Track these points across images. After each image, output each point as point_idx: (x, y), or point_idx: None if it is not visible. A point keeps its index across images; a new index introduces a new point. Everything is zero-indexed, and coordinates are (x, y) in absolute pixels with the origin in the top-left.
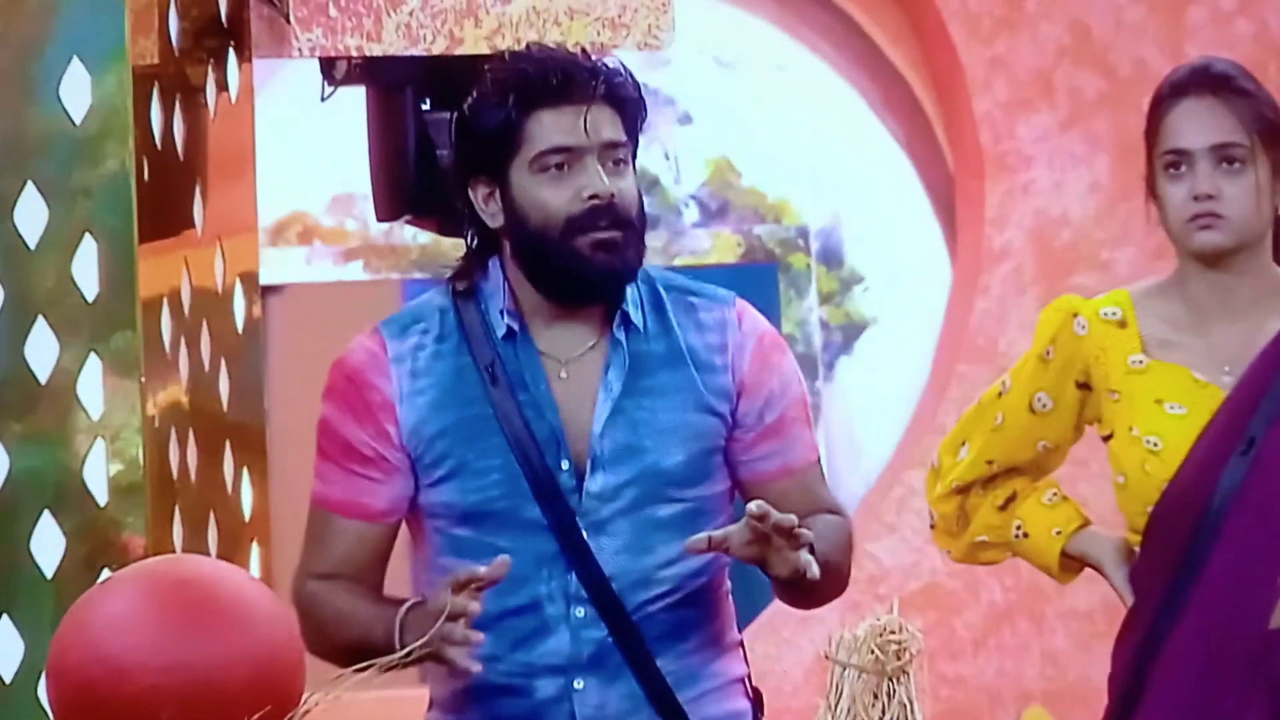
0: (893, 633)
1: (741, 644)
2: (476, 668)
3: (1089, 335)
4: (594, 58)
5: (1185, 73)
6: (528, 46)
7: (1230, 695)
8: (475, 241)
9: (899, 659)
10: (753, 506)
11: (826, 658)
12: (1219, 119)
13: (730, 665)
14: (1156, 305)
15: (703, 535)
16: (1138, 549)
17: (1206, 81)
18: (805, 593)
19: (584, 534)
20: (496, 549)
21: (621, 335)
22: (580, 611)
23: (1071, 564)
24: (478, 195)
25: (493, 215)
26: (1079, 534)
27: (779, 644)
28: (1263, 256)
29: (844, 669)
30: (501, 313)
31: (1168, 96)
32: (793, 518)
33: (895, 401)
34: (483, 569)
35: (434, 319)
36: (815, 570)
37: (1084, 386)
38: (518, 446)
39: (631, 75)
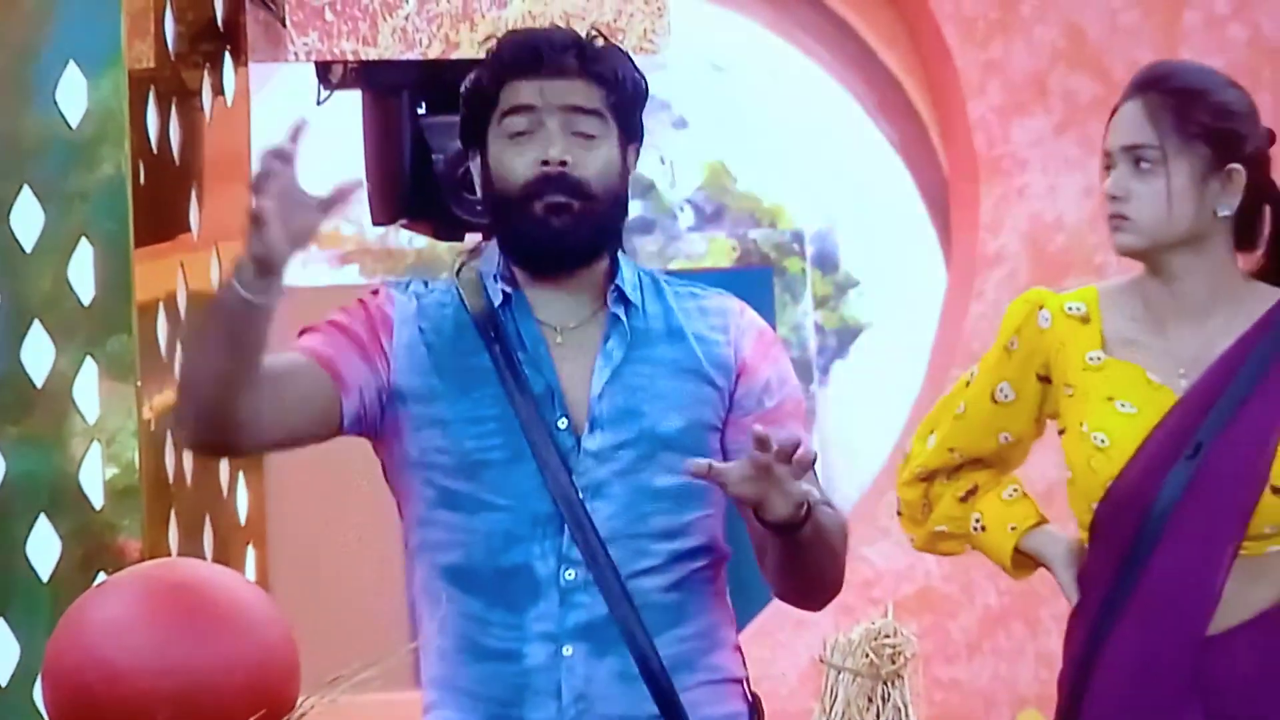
0: (887, 637)
1: (739, 648)
2: (263, 248)
3: (1051, 329)
4: (586, 34)
5: (1136, 75)
6: (523, 27)
7: (1166, 700)
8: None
9: (894, 663)
10: (757, 428)
11: (821, 661)
12: (1137, 120)
13: (729, 663)
14: (1121, 303)
15: (703, 460)
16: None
17: (1138, 83)
18: (802, 553)
19: (579, 494)
20: (493, 505)
21: (620, 311)
22: (571, 574)
23: (1025, 561)
24: (475, 169)
25: (481, 186)
26: (1033, 531)
27: (774, 648)
28: (1210, 258)
29: (839, 673)
30: (495, 277)
31: (1120, 100)
32: (798, 436)
33: (890, 405)
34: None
35: (437, 287)
36: (816, 494)
37: (1045, 380)
38: (516, 399)
39: (617, 52)
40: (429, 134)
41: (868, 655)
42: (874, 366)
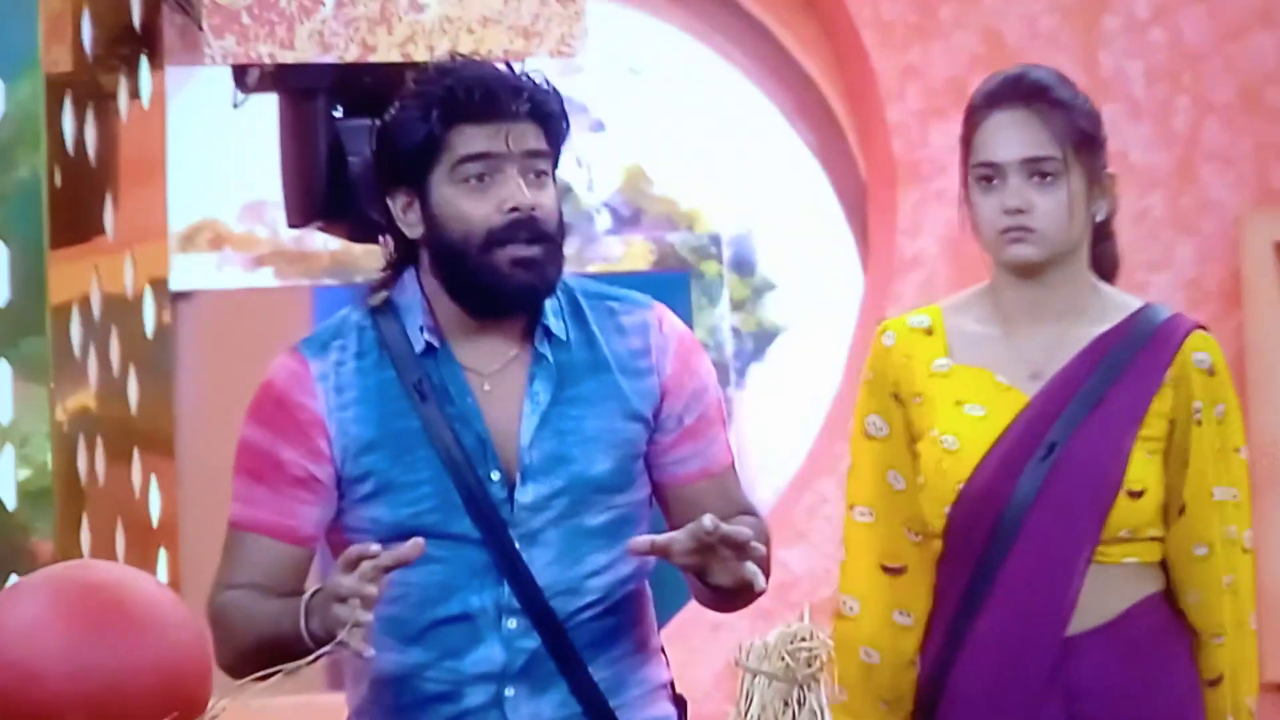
0: (803, 640)
1: (663, 649)
2: (369, 653)
3: (895, 345)
4: (518, 72)
5: (998, 83)
6: (452, 58)
7: (1024, 701)
8: (393, 253)
9: (810, 666)
10: (706, 522)
11: (737, 665)
12: (1032, 131)
13: (656, 671)
14: (966, 311)
15: (645, 538)
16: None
17: (1019, 92)
18: (735, 599)
19: (515, 545)
20: (429, 559)
21: (545, 349)
22: (512, 623)
23: None
24: (397, 205)
25: (411, 225)
26: None
27: (689, 651)
28: (1076, 266)
29: (754, 676)
30: (421, 329)
31: (981, 107)
32: (746, 532)
33: (807, 409)
34: (375, 546)
35: (352, 335)
36: (762, 582)
37: (898, 399)
38: (448, 459)
39: (555, 90)
40: (345, 137)
41: (784, 659)
42: (791, 370)
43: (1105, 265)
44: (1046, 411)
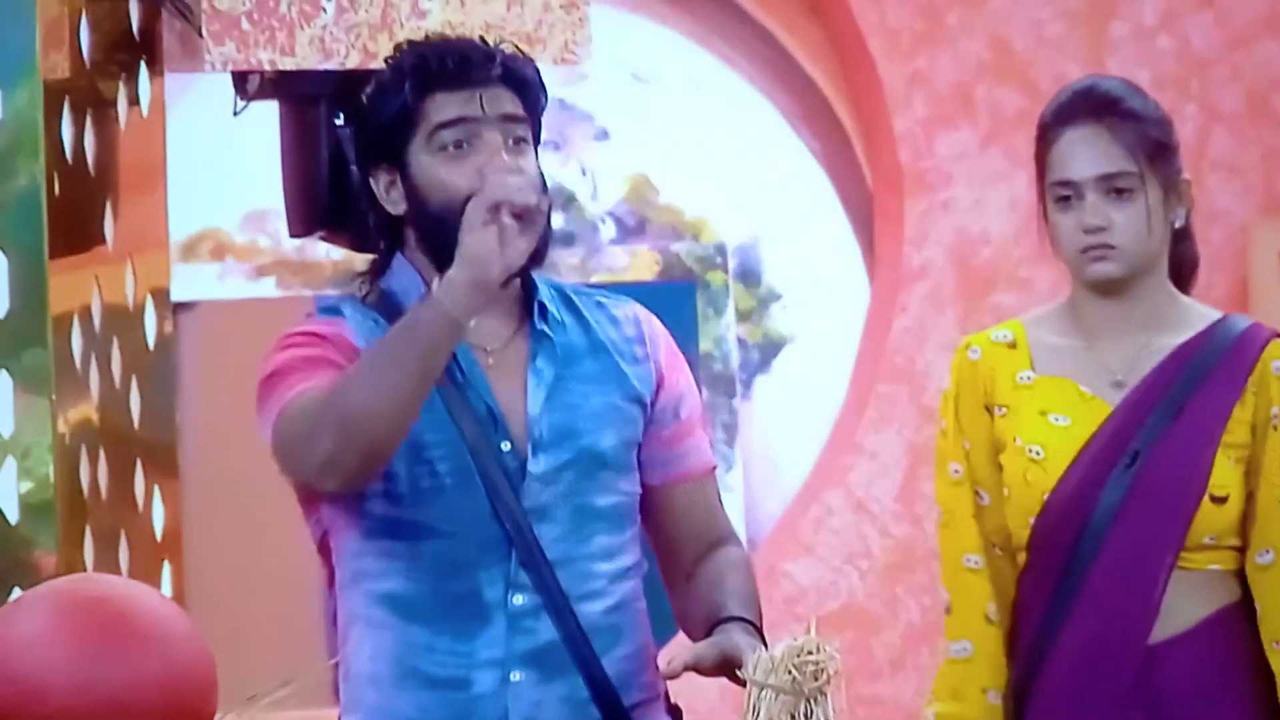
0: (810, 653)
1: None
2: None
3: (982, 359)
4: (491, 43)
5: (1069, 97)
6: (426, 36)
7: (1108, 709)
8: (380, 237)
9: (816, 679)
10: (743, 672)
11: (743, 678)
12: (1106, 147)
13: (656, 679)
14: (1047, 324)
15: (678, 664)
16: (1021, 564)
17: (1090, 106)
18: None
19: (527, 516)
20: (439, 532)
21: (544, 326)
22: (519, 599)
23: None
24: (380, 185)
25: (394, 203)
26: None
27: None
28: (1157, 278)
29: (761, 689)
30: (423, 299)
31: (1053, 124)
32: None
33: (813, 420)
34: None
35: (358, 311)
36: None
37: (987, 410)
38: (461, 423)
39: (530, 59)
40: (347, 145)
41: (791, 672)
42: (797, 380)
43: (1185, 266)
44: (1130, 420)
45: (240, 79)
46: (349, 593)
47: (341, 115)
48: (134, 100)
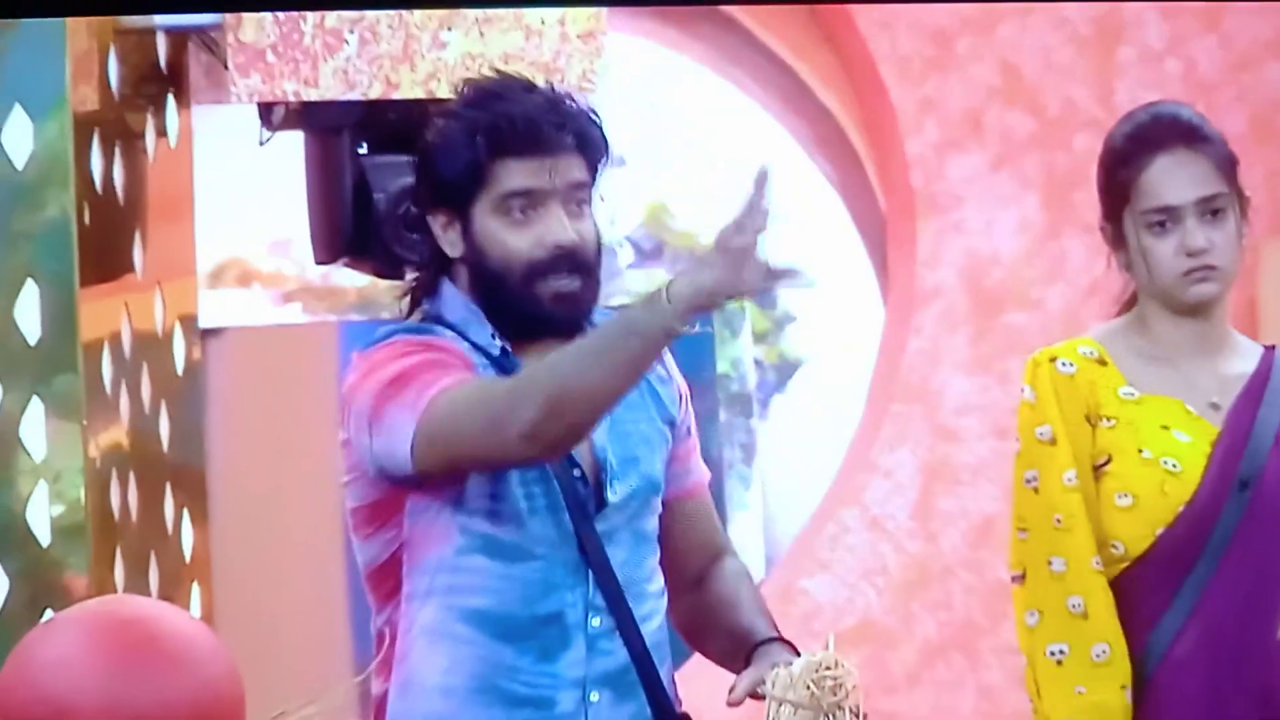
0: (828, 668)
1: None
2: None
3: (1079, 371)
4: (561, 95)
5: (1152, 124)
6: (498, 74)
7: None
8: (428, 262)
9: (835, 695)
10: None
11: (763, 694)
12: (1199, 170)
13: (678, 695)
14: (1125, 344)
15: (741, 693)
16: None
17: (1178, 133)
18: None
19: (601, 541)
20: (532, 554)
21: None
22: (597, 621)
23: None
24: (437, 224)
25: (452, 244)
26: None
27: (715, 680)
28: (1228, 297)
29: (780, 705)
30: (493, 335)
31: (1138, 151)
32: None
33: (829, 439)
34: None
35: (439, 329)
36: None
37: (1090, 421)
38: None
39: (595, 114)
40: (370, 174)
41: (809, 687)
42: (813, 401)
43: None
44: (1234, 444)
45: (265, 110)
46: (424, 605)
47: (365, 145)
48: (162, 131)
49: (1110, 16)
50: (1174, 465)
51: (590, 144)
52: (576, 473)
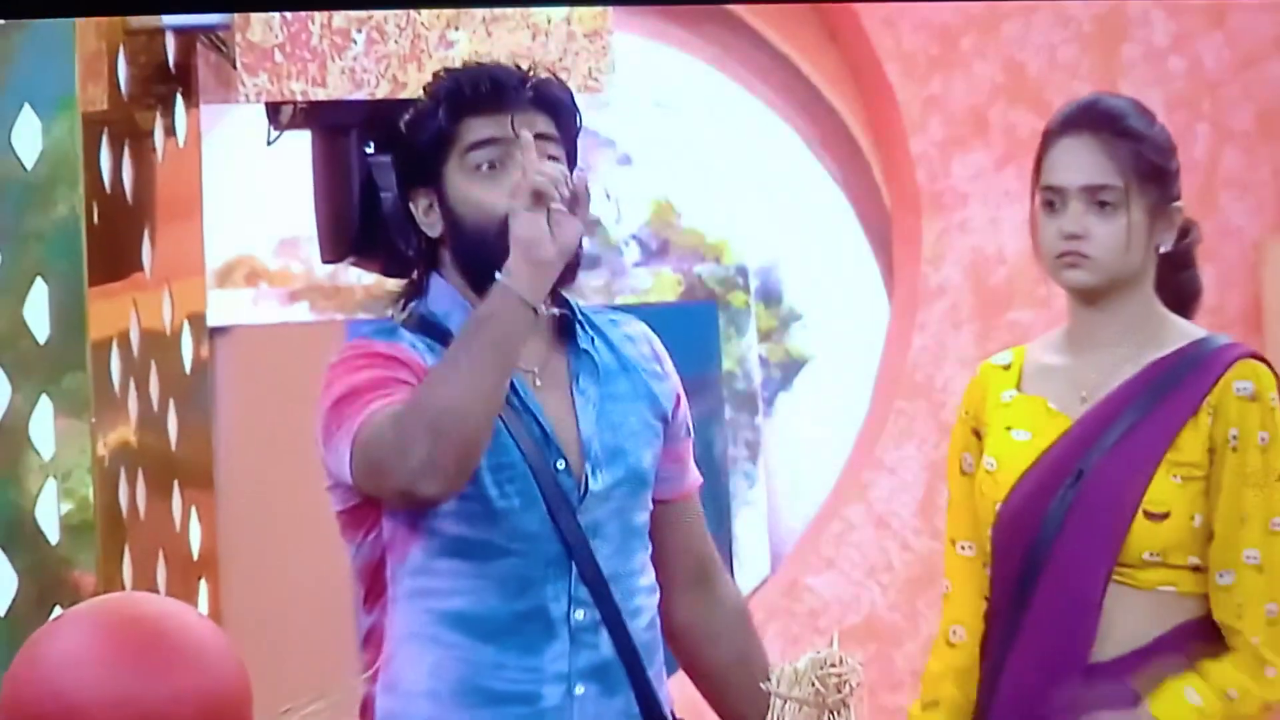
0: (833, 665)
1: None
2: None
3: (976, 380)
4: (525, 68)
5: (1073, 109)
6: (463, 64)
7: None
8: (418, 259)
9: (839, 692)
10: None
11: (767, 691)
12: (1096, 159)
13: (668, 695)
14: (1048, 346)
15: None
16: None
17: (1088, 119)
18: None
19: (583, 533)
20: (507, 551)
21: (587, 344)
22: (580, 614)
23: None
24: (419, 208)
25: (432, 225)
26: None
27: None
28: (1139, 293)
29: (784, 702)
30: None
31: (1054, 131)
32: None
33: (834, 437)
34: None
35: (405, 335)
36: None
37: (975, 433)
38: (522, 444)
39: (563, 83)
40: (377, 173)
41: (814, 684)
42: (818, 398)
43: (1185, 295)
44: (1084, 436)
45: (273, 110)
46: (404, 608)
47: (374, 144)
48: (170, 131)
49: (1115, 14)
50: (991, 464)
51: (553, 102)
52: (560, 464)
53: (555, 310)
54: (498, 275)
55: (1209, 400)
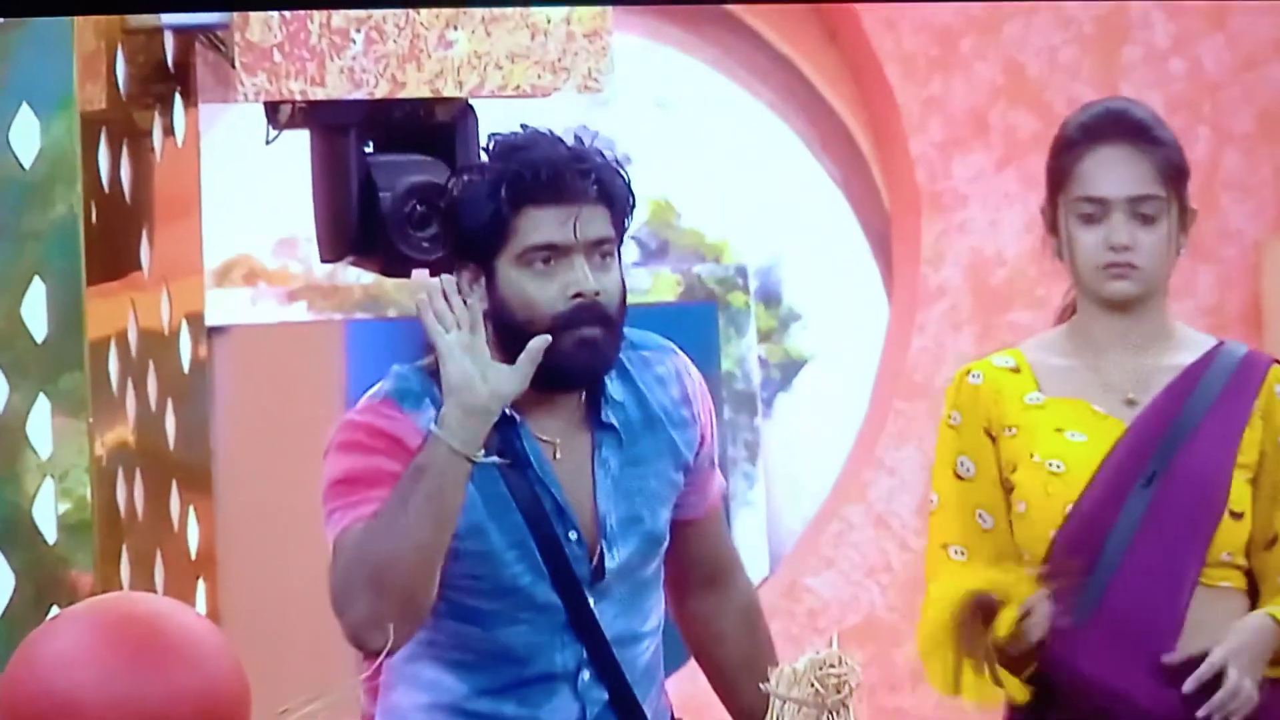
0: (832, 666)
1: None
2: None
3: (984, 383)
4: (586, 145)
5: (1100, 116)
6: (523, 127)
7: None
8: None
9: (838, 692)
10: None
11: (766, 691)
12: (1137, 170)
13: (668, 702)
14: (1048, 350)
15: None
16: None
17: (1123, 129)
18: None
19: (591, 601)
20: (515, 620)
21: (610, 417)
22: (586, 675)
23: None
24: (462, 279)
25: (473, 295)
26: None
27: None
28: (1161, 299)
29: (784, 703)
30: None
31: (1079, 141)
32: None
33: (834, 437)
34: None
35: (429, 399)
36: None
37: (990, 435)
38: (534, 523)
39: (620, 165)
40: (376, 172)
41: (813, 684)
42: (817, 399)
43: None
44: (1145, 438)
45: (272, 109)
46: (407, 651)
47: (371, 144)
48: (169, 130)
49: (1115, 15)
50: (1058, 466)
51: (615, 195)
52: (573, 535)
53: (581, 393)
54: (432, 427)
55: (1258, 405)
